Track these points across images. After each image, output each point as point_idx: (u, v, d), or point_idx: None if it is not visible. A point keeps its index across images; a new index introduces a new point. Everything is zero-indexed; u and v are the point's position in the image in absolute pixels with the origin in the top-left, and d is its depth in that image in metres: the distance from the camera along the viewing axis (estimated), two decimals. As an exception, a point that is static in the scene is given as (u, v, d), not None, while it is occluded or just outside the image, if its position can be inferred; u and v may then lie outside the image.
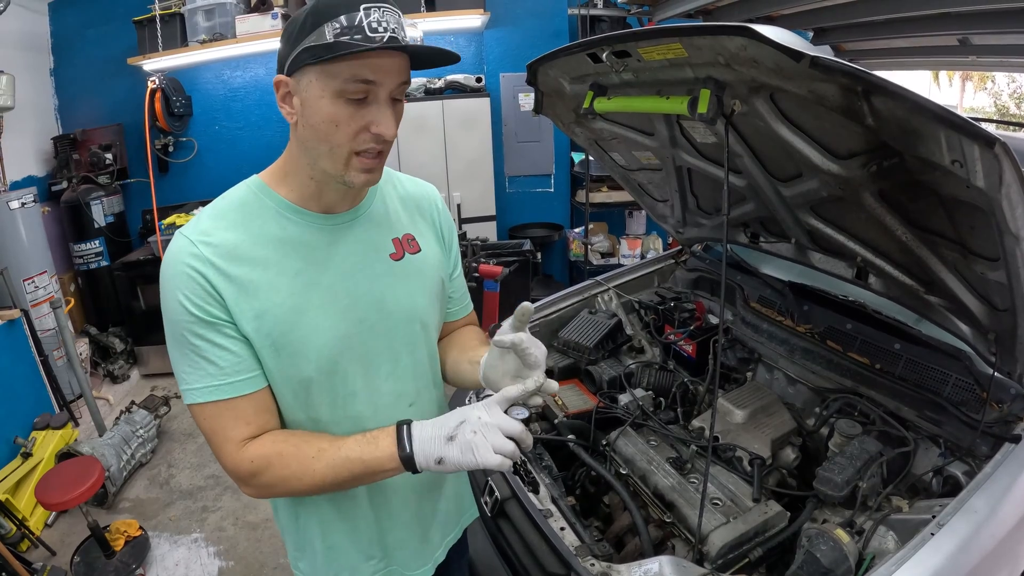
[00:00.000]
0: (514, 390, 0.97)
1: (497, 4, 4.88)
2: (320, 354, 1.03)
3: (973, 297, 1.46)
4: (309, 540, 1.19)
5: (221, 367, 0.97)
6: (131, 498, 3.40)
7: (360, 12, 0.88)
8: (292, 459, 0.98)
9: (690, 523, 1.45)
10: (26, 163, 4.57)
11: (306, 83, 0.93)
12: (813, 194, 1.61)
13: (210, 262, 0.96)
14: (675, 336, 2.25)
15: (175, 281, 0.96)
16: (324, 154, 0.96)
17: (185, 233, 0.99)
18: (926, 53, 3.49)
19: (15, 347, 3.43)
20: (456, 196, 4.95)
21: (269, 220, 1.02)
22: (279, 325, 0.99)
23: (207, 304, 0.95)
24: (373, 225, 1.12)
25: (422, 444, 0.96)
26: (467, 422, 0.94)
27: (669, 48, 1.30)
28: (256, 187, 1.05)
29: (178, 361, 1.00)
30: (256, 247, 1.00)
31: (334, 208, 1.07)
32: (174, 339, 0.99)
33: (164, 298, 0.98)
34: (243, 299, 0.97)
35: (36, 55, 4.75)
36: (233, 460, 1.00)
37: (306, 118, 0.95)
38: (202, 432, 1.02)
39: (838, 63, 1.02)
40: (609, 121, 2.02)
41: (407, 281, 1.13)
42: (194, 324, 0.96)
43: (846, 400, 1.77)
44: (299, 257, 1.03)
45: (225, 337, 0.97)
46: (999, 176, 1.00)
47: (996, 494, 1.27)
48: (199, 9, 4.50)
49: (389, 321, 1.10)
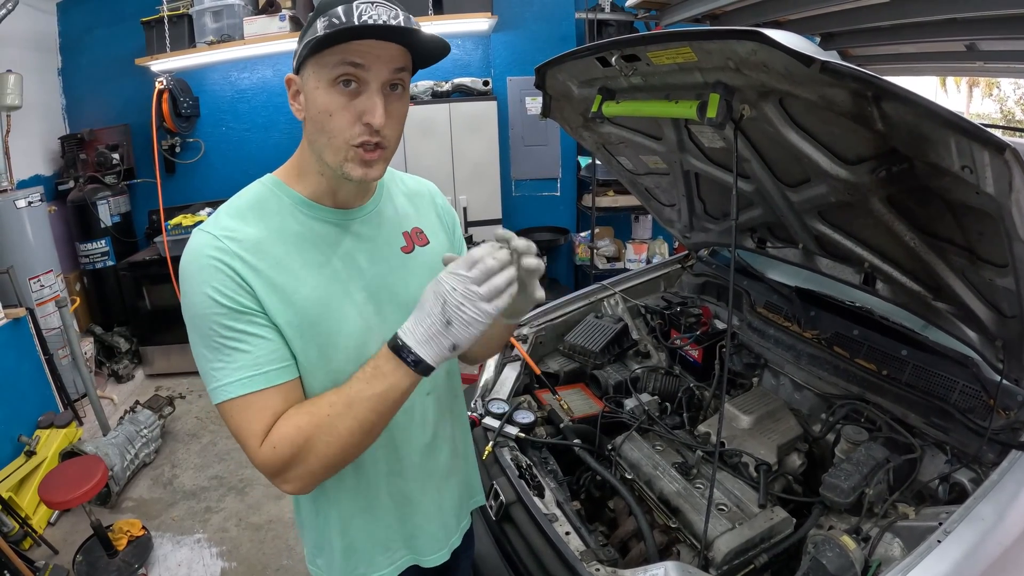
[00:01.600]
0: (476, 251, 0.93)
1: (504, 8, 4.89)
2: (348, 343, 1.04)
3: (981, 303, 1.45)
4: (328, 537, 1.19)
5: (256, 356, 0.96)
6: (134, 498, 3.40)
7: (352, 5, 0.91)
8: (311, 426, 0.96)
9: (695, 528, 1.45)
10: (33, 162, 4.59)
11: (306, 77, 0.97)
12: (821, 199, 1.61)
13: (237, 255, 0.96)
14: (681, 341, 2.25)
15: (202, 275, 0.95)
16: (325, 146, 0.98)
17: (207, 229, 0.99)
18: (933, 59, 3.48)
19: (20, 346, 3.45)
20: (462, 199, 4.94)
21: (287, 216, 1.04)
22: (308, 316, 1.00)
23: (238, 295, 0.95)
24: (384, 220, 1.15)
25: (427, 348, 0.93)
26: (447, 302, 0.91)
27: (679, 52, 1.30)
28: (272, 184, 1.07)
29: (207, 358, 0.97)
30: (278, 243, 1.01)
31: (348, 204, 1.09)
32: (202, 335, 0.97)
33: (189, 293, 0.96)
34: (272, 291, 0.97)
35: (44, 55, 4.78)
36: (260, 455, 0.97)
37: (308, 111, 0.98)
38: (231, 431, 1.00)
39: (849, 68, 1.02)
40: (617, 125, 2.02)
41: (418, 273, 1.14)
42: (225, 316, 0.94)
43: (853, 406, 1.77)
44: (319, 251, 1.04)
45: (258, 326, 0.97)
46: (1009, 182, 1.00)
47: (1003, 501, 1.27)
48: (207, 10, 4.51)
49: (404, 312, 1.06)
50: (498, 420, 1.82)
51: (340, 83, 0.94)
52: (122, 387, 4.62)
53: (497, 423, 1.81)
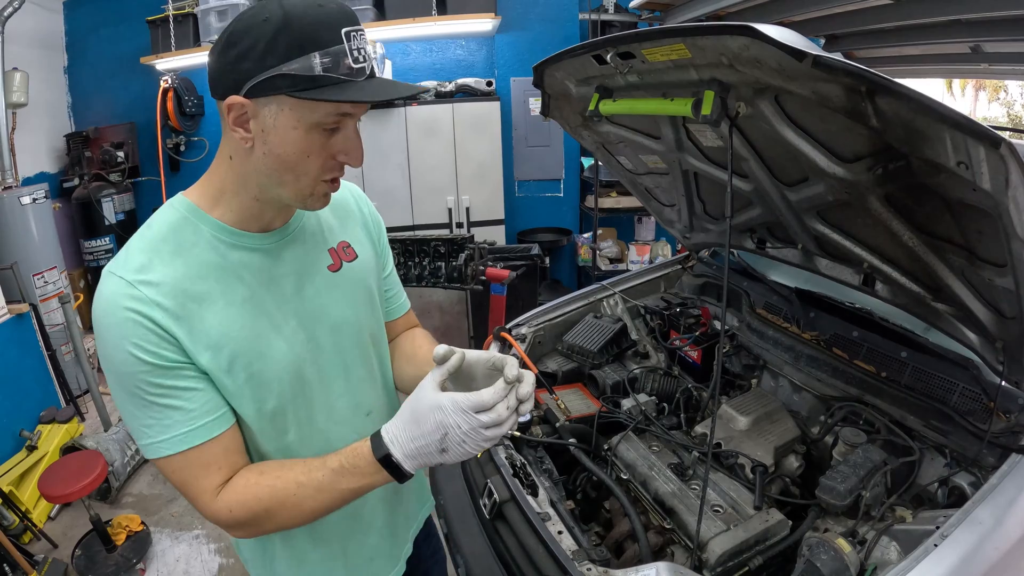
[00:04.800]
0: (488, 395, 0.88)
1: (508, 8, 4.89)
2: (282, 379, 0.99)
3: (981, 304, 1.44)
4: (278, 572, 1.16)
5: (189, 411, 0.91)
6: (134, 493, 3.41)
7: (343, 44, 0.84)
8: (273, 500, 0.93)
9: (690, 530, 1.43)
10: (39, 159, 4.63)
11: (275, 110, 0.86)
12: (819, 199, 1.60)
13: (155, 302, 0.87)
14: (680, 342, 2.24)
15: (119, 330, 0.86)
16: (288, 182, 0.91)
17: (117, 273, 0.89)
18: (938, 61, 3.46)
19: (23, 341, 3.47)
20: (465, 199, 4.95)
21: (205, 247, 0.95)
22: (239, 358, 0.94)
23: (161, 349, 0.88)
24: (308, 238, 1.08)
25: (413, 463, 0.91)
26: (449, 436, 0.88)
27: (672, 49, 1.29)
28: (187, 210, 0.96)
29: (135, 416, 0.91)
30: (196, 280, 0.92)
31: (270, 225, 1.02)
32: (128, 393, 0.90)
33: (107, 350, 0.88)
34: (195, 338, 0.90)
35: (50, 53, 4.82)
36: (211, 511, 0.94)
37: (270, 146, 0.88)
38: (173, 484, 0.96)
39: (841, 62, 1.00)
40: (615, 124, 2.01)
41: (348, 291, 1.11)
42: (151, 373, 0.88)
43: (851, 408, 1.75)
44: (242, 283, 0.97)
45: (187, 379, 0.91)
46: (1005, 178, 0.98)
47: (1002, 505, 1.25)
48: (212, 10, 4.54)
49: (337, 335, 1.07)
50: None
51: (323, 127, 0.89)
52: (125, 384, 4.63)
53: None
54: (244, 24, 0.84)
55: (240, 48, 0.83)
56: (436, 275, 3.71)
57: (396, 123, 4.72)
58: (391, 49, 4.96)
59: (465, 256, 3.66)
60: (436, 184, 4.91)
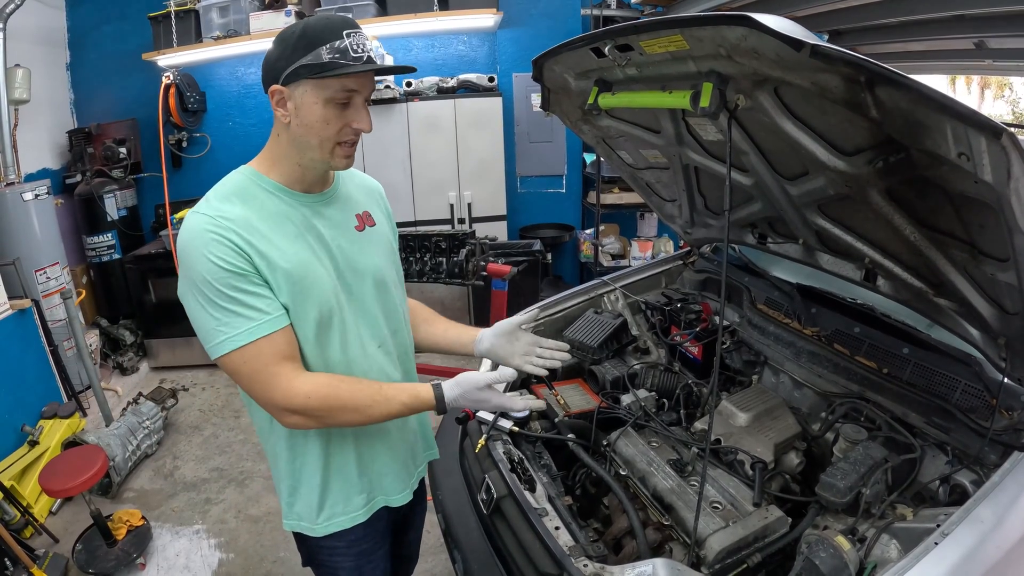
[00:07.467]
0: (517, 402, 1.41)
1: (510, 4, 4.87)
2: (321, 297, 1.25)
3: (983, 299, 1.42)
4: (304, 480, 1.37)
5: (262, 309, 1.18)
6: (135, 488, 3.42)
7: (344, 39, 1.16)
8: (351, 400, 1.24)
9: (688, 526, 1.42)
10: (41, 156, 4.62)
11: (301, 92, 1.18)
12: (820, 192, 1.58)
13: (231, 229, 1.16)
14: (681, 337, 2.22)
15: (205, 247, 1.14)
16: (315, 146, 1.23)
17: (201, 211, 1.19)
18: (942, 57, 3.44)
19: (25, 336, 3.47)
20: (467, 195, 4.94)
21: (265, 199, 1.25)
22: (292, 276, 1.21)
23: (238, 260, 1.15)
24: (341, 203, 1.39)
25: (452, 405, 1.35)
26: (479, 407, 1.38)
27: (670, 40, 1.27)
28: (250, 173, 1.28)
29: (209, 318, 1.16)
30: (260, 220, 1.21)
31: (312, 189, 1.33)
32: (206, 300, 1.16)
33: (192, 260, 1.15)
34: (261, 258, 1.18)
35: (53, 49, 4.81)
36: (285, 392, 1.19)
37: (301, 119, 1.20)
38: (243, 378, 1.20)
39: (839, 51, 0.99)
40: (615, 118, 1.99)
41: (370, 247, 1.40)
42: (230, 278, 1.15)
43: (852, 405, 1.74)
44: (293, 226, 1.26)
45: (258, 285, 1.18)
46: (1007, 169, 0.96)
47: (1004, 504, 1.24)
48: (214, 6, 4.53)
49: (360, 278, 1.36)
50: (492, 413, 1.80)
51: (336, 102, 1.19)
52: (127, 379, 4.64)
53: (491, 416, 1.80)
54: (281, 37, 1.19)
55: (277, 52, 1.19)
56: (437, 271, 3.71)
57: (398, 119, 4.71)
58: (393, 45, 4.95)
59: (466, 252, 3.65)
60: (438, 180, 4.90)
